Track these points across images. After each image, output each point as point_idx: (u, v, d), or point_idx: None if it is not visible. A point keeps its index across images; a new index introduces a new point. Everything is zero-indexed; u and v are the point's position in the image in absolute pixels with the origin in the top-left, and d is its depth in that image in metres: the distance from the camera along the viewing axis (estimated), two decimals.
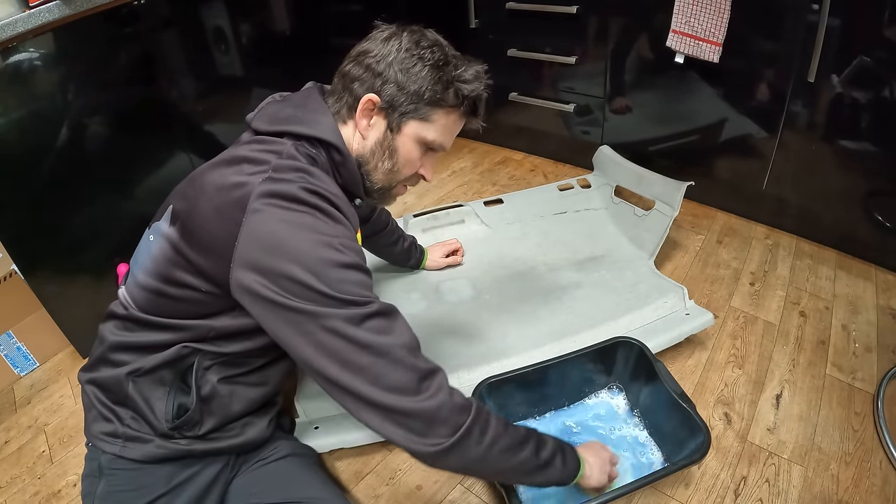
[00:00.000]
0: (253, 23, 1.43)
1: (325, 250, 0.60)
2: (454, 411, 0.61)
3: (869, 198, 1.32)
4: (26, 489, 1.03)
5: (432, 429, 0.60)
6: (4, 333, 1.25)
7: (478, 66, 0.75)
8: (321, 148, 0.71)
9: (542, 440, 0.71)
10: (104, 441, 0.73)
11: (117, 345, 0.73)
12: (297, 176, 0.64)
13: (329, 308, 0.59)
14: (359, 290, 0.61)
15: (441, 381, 0.63)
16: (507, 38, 1.77)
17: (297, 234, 0.60)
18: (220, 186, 0.64)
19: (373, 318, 0.61)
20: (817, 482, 0.92)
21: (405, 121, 0.72)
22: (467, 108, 0.75)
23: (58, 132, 1.10)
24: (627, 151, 1.57)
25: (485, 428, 0.63)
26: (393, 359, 0.60)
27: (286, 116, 0.72)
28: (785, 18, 1.24)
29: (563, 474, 0.73)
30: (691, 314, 1.15)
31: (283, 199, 0.61)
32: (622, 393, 1.05)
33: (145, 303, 0.71)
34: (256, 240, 0.60)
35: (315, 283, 0.59)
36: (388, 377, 0.60)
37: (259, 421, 0.83)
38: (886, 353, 1.14)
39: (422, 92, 0.70)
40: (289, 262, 0.59)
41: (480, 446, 0.63)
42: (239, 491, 0.81)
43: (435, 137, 0.74)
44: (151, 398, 0.72)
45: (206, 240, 0.64)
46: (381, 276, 1.36)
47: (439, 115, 0.73)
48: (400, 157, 0.75)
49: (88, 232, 1.20)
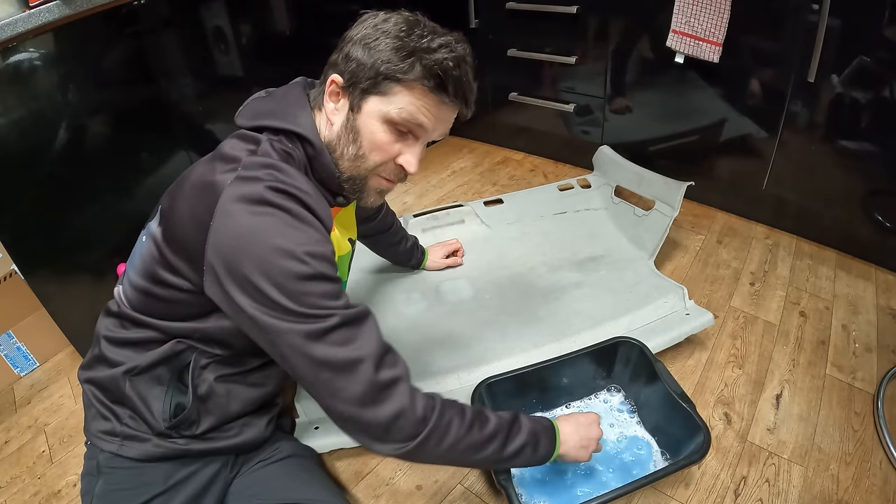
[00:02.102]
0: (253, 23, 1.43)
1: (288, 262, 0.58)
2: (411, 421, 0.63)
3: (869, 198, 1.32)
4: (26, 489, 1.03)
5: (390, 436, 0.63)
6: (4, 333, 1.25)
7: (449, 36, 0.67)
8: (297, 142, 0.69)
9: (512, 433, 0.72)
10: (102, 439, 0.74)
11: (112, 341, 0.74)
12: (265, 173, 0.62)
13: (290, 323, 0.59)
14: (322, 301, 0.60)
15: (401, 390, 0.63)
16: (507, 38, 1.77)
17: (261, 241, 0.59)
18: (194, 185, 0.64)
19: (335, 330, 0.60)
20: (817, 482, 0.92)
21: (365, 98, 0.67)
22: (432, 82, 0.65)
23: (58, 132, 1.10)
24: (627, 151, 1.57)
25: (444, 433, 0.65)
26: (351, 372, 0.61)
27: (266, 111, 0.71)
28: (785, 18, 1.24)
29: (532, 460, 0.75)
30: (691, 314, 1.15)
31: (249, 201, 0.59)
32: (622, 393, 1.05)
33: (137, 302, 0.71)
34: (223, 243, 0.60)
35: (276, 295, 0.58)
36: (347, 390, 0.61)
37: (257, 421, 0.82)
38: (886, 353, 1.14)
39: (378, 65, 0.65)
40: (253, 270, 0.58)
41: (439, 449, 0.65)
42: (240, 492, 0.80)
43: (398, 115, 0.66)
44: (149, 397, 0.72)
45: (181, 241, 0.64)
46: (382, 276, 1.37)
47: (401, 89, 0.66)
48: (364, 140, 0.68)
49: (88, 232, 1.20)
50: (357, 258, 1.36)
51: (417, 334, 1.19)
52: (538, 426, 0.76)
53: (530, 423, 0.75)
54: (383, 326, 0.68)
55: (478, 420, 0.69)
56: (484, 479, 0.96)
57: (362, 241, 1.25)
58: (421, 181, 1.90)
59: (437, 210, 1.52)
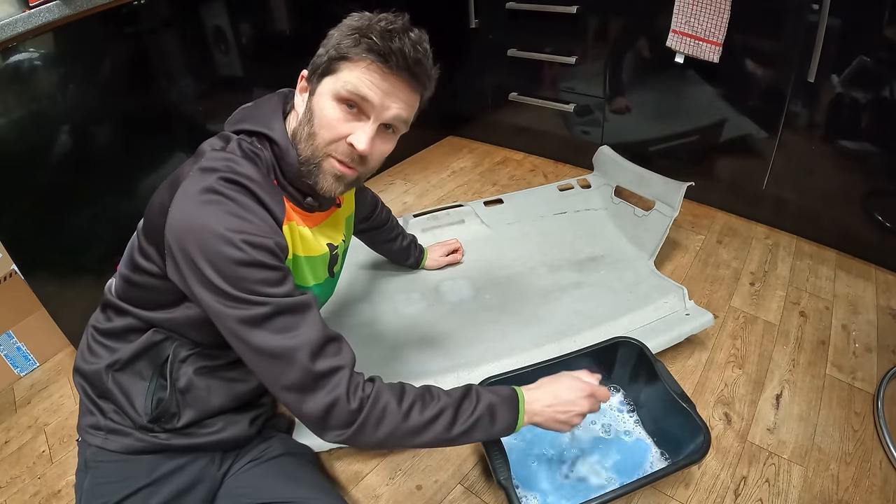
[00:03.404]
0: (253, 23, 1.43)
1: (225, 246, 0.61)
2: (344, 411, 0.65)
3: (869, 198, 1.32)
4: (26, 489, 1.03)
5: (327, 423, 0.66)
6: (4, 333, 1.25)
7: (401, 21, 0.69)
8: (267, 144, 0.72)
9: (461, 410, 0.71)
10: (89, 434, 0.76)
11: (98, 331, 0.78)
12: (222, 165, 0.66)
13: (229, 308, 0.63)
14: (258, 287, 0.63)
15: (338, 380, 0.65)
16: (507, 38, 1.77)
17: (203, 225, 0.62)
18: (168, 180, 0.71)
19: (272, 318, 0.63)
20: (817, 482, 0.92)
21: (320, 80, 0.71)
22: (375, 54, 0.67)
23: (58, 132, 1.10)
24: (627, 151, 1.57)
25: (379, 421, 0.67)
26: (288, 361, 0.63)
27: (244, 116, 0.75)
28: (785, 18, 1.24)
29: (490, 433, 0.74)
30: (691, 314, 1.15)
31: (201, 190, 0.63)
32: (622, 393, 1.05)
33: (120, 290, 0.76)
34: (174, 227, 0.64)
35: (216, 279, 0.62)
36: (284, 378, 0.64)
37: (240, 418, 0.83)
38: (886, 353, 1.14)
39: (331, 50, 0.69)
40: (197, 254, 0.62)
41: (376, 437, 0.67)
42: (230, 491, 0.81)
43: (343, 88, 0.68)
44: (132, 392, 0.75)
45: (150, 228, 0.69)
46: (382, 276, 1.37)
47: (347, 65, 0.68)
48: (315, 118, 0.70)
49: (88, 232, 1.20)
50: (356, 257, 1.37)
51: (417, 334, 1.19)
52: (495, 397, 0.74)
53: (487, 395, 0.74)
54: (383, 326, 0.68)
55: (419, 403, 0.70)
56: (484, 479, 0.96)
57: (359, 237, 1.25)
58: (421, 181, 1.91)
59: (437, 210, 1.52)
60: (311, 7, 1.51)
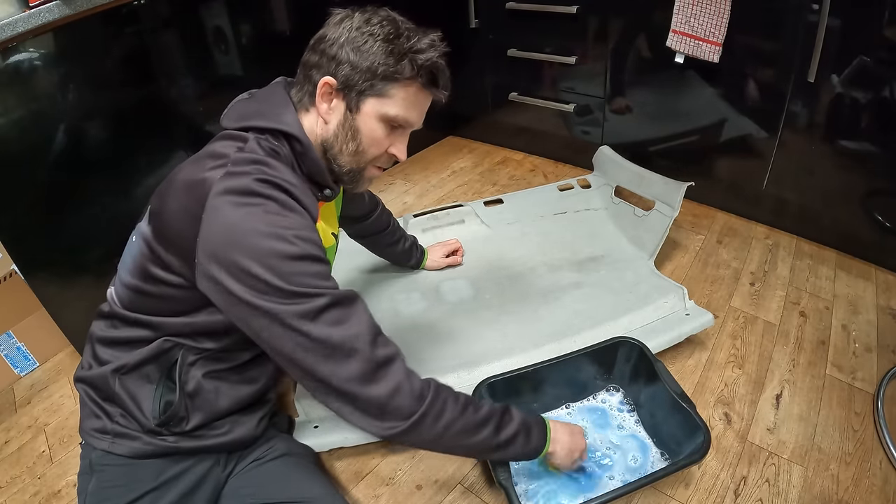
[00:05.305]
0: (253, 23, 1.43)
1: (277, 242, 0.61)
2: (408, 399, 0.65)
3: (869, 198, 1.32)
4: (26, 489, 1.03)
5: (387, 414, 0.65)
6: (4, 333, 1.25)
7: (432, 35, 0.72)
8: (283, 140, 0.72)
9: (504, 420, 0.74)
10: (94, 437, 0.75)
11: (103, 340, 0.76)
12: (253, 168, 0.65)
13: (284, 304, 0.61)
14: (313, 280, 0.63)
15: (397, 368, 0.66)
16: (507, 38, 1.77)
17: (250, 228, 0.61)
18: (184, 183, 0.67)
19: (328, 309, 0.63)
20: (817, 482, 0.92)
21: (363, 99, 0.71)
22: (425, 78, 0.72)
23: (58, 132, 1.10)
24: (627, 151, 1.57)
25: (440, 414, 0.67)
26: (348, 350, 0.63)
27: (250, 112, 0.74)
28: (785, 18, 1.24)
29: (524, 451, 0.77)
30: (691, 314, 1.15)
31: (238, 193, 0.62)
32: (621, 393, 1.05)
33: (128, 301, 0.73)
34: (213, 235, 0.62)
35: (268, 276, 0.61)
36: (344, 369, 0.63)
37: (248, 419, 0.83)
38: (886, 353, 1.14)
39: (374, 67, 0.69)
40: (243, 257, 0.61)
41: (434, 430, 0.67)
42: (234, 491, 0.81)
43: (397, 113, 0.72)
44: (139, 395, 0.74)
45: (173, 237, 0.66)
46: (382, 276, 1.37)
47: (397, 90, 0.71)
48: (363, 138, 0.73)
49: (88, 232, 1.20)
50: (356, 258, 1.37)
51: (417, 334, 1.19)
52: (529, 418, 0.78)
53: (521, 414, 0.77)
54: (383, 326, 0.68)
55: (472, 404, 0.72)
56: (484, 479, 0.96)
57: (360, 242, 1.25)
58: (421, 181, 1.91)
59: (437, 210, 1.52)
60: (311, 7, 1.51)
